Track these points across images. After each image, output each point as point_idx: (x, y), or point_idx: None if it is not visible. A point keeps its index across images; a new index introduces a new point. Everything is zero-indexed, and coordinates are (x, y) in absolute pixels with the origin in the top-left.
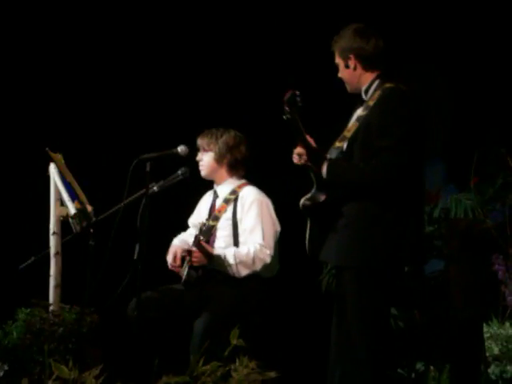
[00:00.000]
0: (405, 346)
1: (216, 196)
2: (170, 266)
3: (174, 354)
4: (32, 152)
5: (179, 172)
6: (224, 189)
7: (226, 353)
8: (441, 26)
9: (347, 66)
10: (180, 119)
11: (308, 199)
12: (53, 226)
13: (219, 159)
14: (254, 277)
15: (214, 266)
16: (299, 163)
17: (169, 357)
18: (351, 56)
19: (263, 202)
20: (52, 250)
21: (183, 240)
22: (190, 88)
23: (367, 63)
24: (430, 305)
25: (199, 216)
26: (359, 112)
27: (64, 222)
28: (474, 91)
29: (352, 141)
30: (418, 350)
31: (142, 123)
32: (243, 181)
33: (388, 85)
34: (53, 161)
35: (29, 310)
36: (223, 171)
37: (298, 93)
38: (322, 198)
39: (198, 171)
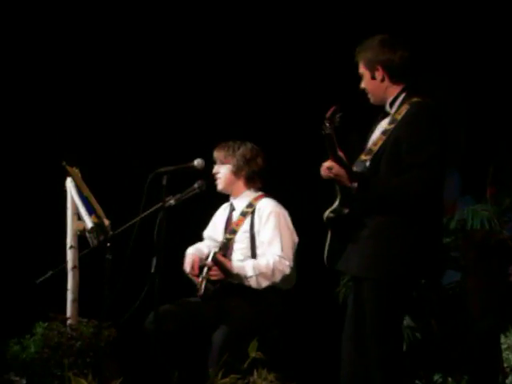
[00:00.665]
0: (422, 357)
1: (232, 209)
2: (189, 275)
3: (193, 367)
4: (49, 166)
5: (196, 185)
6: (241, 202)
7: (245, 365)
8: (453, 37)
9: (373, 77)
10: (196, 132)
11: (332, 211)
12: (70, 240)
13: (237, 172)
14: (271, 289)
15: (232, 280)
16: (328, 177)
17: (187, 370)
18: (379, 67)
19: (280, 213)
20: (69, 264)
21: (198, 249)
22: (205, 101)
23: (395, 75)
24: (447, 316)
25: (215, 229)
26: (384, 125)
27: (81, 236)
28: (487, 102)
29: (379, 155)
30: (435, 361)
31: (158, 137)
32: (260, 193)
33: (415, 99)
34: (70, 175)
35: (46, 324)
36: (240, 184)
37: (339, 110)
38: (346, 211)
39: (213, 184)
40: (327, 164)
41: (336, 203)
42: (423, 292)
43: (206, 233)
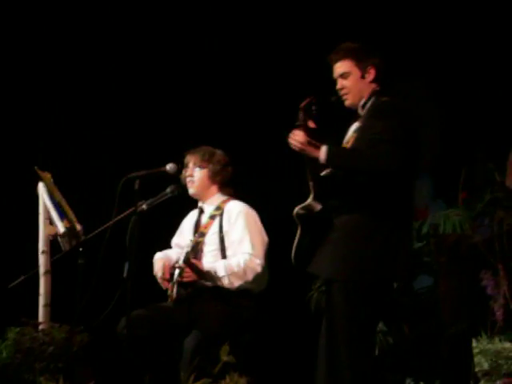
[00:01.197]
0: (394, 361)
1: (201, 212)
2: (159, 280)
3: (165, 371)
4: (21, 171)
5: (168, 190)
6: (210, 205)
7: (217, 369)
8: (428, 41)
9: (363, 77)
10: (168, 137)
11: (303, 208)
12: (42, 244)
13: (213, 176)
14: (243, 292)
15: (205, 281)
16: (296, 148)
17: (159, 374)
18: (371, 67)
19: (249, 213)
20: (41, 269)
21: (166, 254)
22: (176, 106)
23: (379, 77)
24: (419, 320)
25: (181, 236)
26: (356, 125)
27: (53, 240)
28: (461, 107)
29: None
30: (407, 365)
31: (130, 141)
32: (227, 196)
33: (385, 98)
34: (42, 180)
35: (18, 329)
36: (214, 188)
37: (314, 101)
38: (318, 207)
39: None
40: (295, 132)
41: (308, 200)
42: (395, 296)
43: (174, 241)
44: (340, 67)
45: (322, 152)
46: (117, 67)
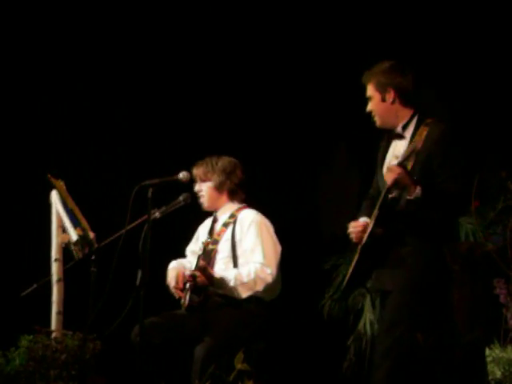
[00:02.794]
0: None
1: (215, 220)
2: (173, 289)
3: (178, 379)
4: (34, 179)
5: (181, 198)
6: (224, 213)
7: (231, 377)
8: (437, 50)
9: (384, 100)
10: (181, 146)
11: (369, 236)
12: (55, 252)
13: (219, 187)
14: (255, 300)
15: (215, 289)
16: (389, 181)
17: (173, 382)
18: (390, 89)
19: (262, 222)
20: (54, 277)
21: (181, 263)
22: (189, 115)
23: (405, 98)
24: (432, 328)
25: (196, 244)
26: (401, 148)
27: (66, 248)
28: (473, 115)
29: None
30: (421, 373)
31: (144, 150)
32: (242, 204)
33: (429, 120)
34: (55, 187)
35: (31, 337)
36: (224, 198)
37: None
38: (380, 232)
39: (198, 199)
40: (394, 167)
41: (370, 226)
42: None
43: (189, 248)
44: (367, 91)
45: (418, 189)
46: (131, 76)
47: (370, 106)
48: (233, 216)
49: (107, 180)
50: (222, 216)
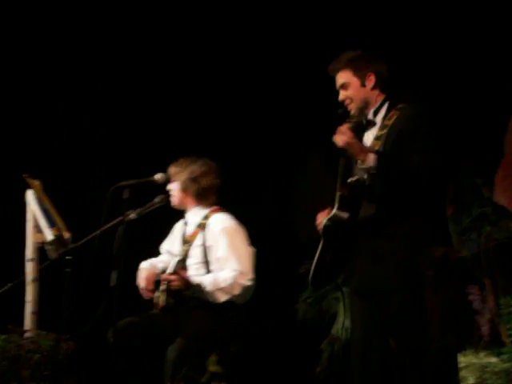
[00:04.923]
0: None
1: (186, 224)
2: (141, 290)
3: (151, 379)
4: (10, 178)
5: (156, 200)
6: (193, 216)
7: (204, 379)
8: (416, 57)
9: (363, 85)
10: (158, 147)
11: (329, 219)
12: (29, 252)
13: (185, 189)
14: (228, 303)
15: (191, 294)
16: (340, 144)
17: (146, 383)
18: (371, 74)
19: (232, 227)
20: (28, 277)
21: (152, 264)
22: (166, 115)
23: (383, 84)
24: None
25: (172, 243)
26: (375, 132)
27: (41, 248)
28: (448, 121)
29: None
30: (393, 379)
31: (120, 150)
32: (214, 206)
33: (401, 105)
34: (31, 187)
35: (5, 337)
36: (190, 200)
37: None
38: (345, 216)
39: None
40: (343, 128)
41: (334, 210)
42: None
43: (164, 246)
44: (340, 78)
45: (371, 157)
46: (109, 76)
47: (345, 94)
48: (206, 217)
49: (84, 180)
50: (192, 219)
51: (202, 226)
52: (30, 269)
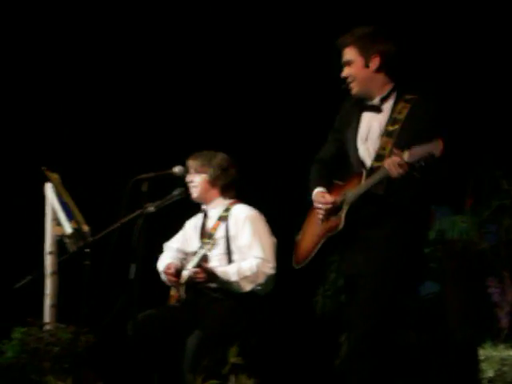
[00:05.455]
0: (401, 367)
1: (206, 216)
2: (168, 276)
3: (172, 371)
4: (29, 171)
5: (175, 192)
6: (215, 208)
7: (225, 370)
8: (433, 49)
9: (367, 66)
10: (176, 139)
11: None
12: (49, 245)
13: (213, 181)
14: (248, 294)
15: (217, 285)
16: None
17: (166, 375)
18: (376, 55)
19: (256, 216)
20: (48, 270)
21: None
22: (185, 108)
23: (390, 66)
24: (425, 326)
25: (186, 241)
26: (382, 123)
27: (60, 241)
28: (468, 114)
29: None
30: (414, 371)
31: (139, 143)
32: (231, 199)
33: (409, 96)
34: (49, 180)
35: (24, 330)
36: (215, 192)
37: None
38: (381, 192)
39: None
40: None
41: (343, 215)
42: (402, 302)
43: (172, 245)
44: (345, 54)
45: (439, 146)
46: (126, 69)
47: (347, 71)
48: (227, 210)
49: (102, 173)
50: (213, 210)
51: (223, 218)
52: (49, 262)
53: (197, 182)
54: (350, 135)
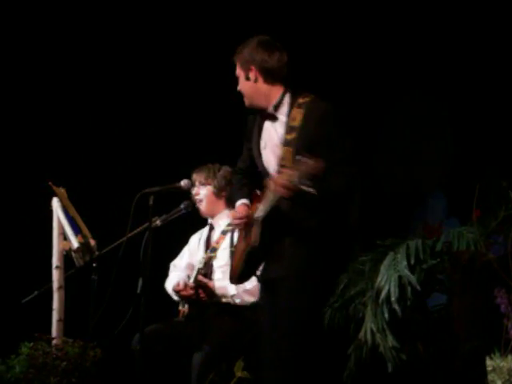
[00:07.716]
0: (407, 378)
1: (211, 228)
2: (179, 292)
3: None
4: (35, 186)
5: (182, 206)
6: (220, 221)
7: None
8: (441, 58)
9: (248, 78)
10: (182, 153)
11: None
12: (55, 259)
13: (218, 192)
14: (252, 307)
15: (217, 299)
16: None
17: None
18: (252, 67)
19: None
20: (55, 284)
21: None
22: (190, 123)
23: (269, 76)
24: (432, 338)
25: (191, 256)
26: (281, 131)
27: (67, 256)
28: (475, 124)
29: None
30: (420, 383)
31: (145, 158)
32: None
33: (303, 99)
34: (56, 195)
35: (32, 344)
36: (221, 204)
37: None
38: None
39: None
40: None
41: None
42: (409, 314)
43: (183, 262)
44: (236, 70)
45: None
46: (131, 83)
47: (238, 86)
48: (231, 224)
49: (108, 187)
50: (219, 223)
51: (229, 231)
52: (56, 276)
53: (202, 195)
54: (254, 144)
